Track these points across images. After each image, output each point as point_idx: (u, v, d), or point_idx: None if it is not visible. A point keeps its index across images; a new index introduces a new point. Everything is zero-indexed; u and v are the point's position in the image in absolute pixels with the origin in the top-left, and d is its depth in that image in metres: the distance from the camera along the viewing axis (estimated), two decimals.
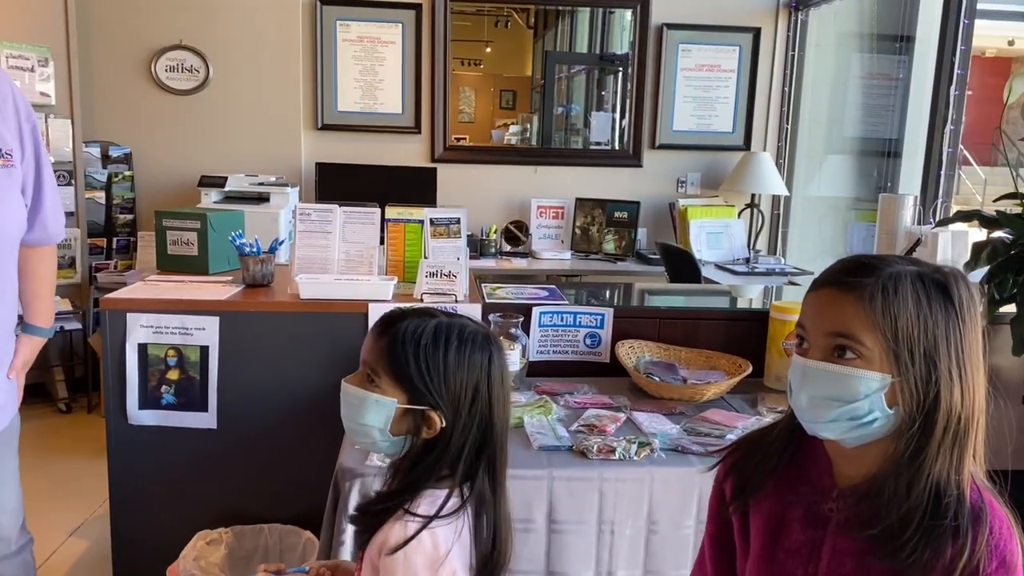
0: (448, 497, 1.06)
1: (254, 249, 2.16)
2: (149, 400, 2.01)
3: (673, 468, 1.52)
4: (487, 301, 2.08)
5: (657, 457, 1.55)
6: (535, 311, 2.05)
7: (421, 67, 4.38)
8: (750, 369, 1.95)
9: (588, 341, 2.10)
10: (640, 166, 4.59)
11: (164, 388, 2.01)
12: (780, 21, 4.48)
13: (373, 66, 4.38)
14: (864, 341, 0.88)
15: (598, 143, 4.68)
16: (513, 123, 4.89)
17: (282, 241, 2.25)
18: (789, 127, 4.54)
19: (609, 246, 4.38)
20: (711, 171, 4.61)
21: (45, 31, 3.71)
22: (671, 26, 4.44)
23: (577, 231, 4.44)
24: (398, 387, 1.07)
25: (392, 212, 2.15)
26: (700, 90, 4.54)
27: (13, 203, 1.47)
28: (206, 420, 2.03)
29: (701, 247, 4.27)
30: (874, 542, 0.89)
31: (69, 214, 3.86)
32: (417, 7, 4.33)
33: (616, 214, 4.39)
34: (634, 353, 2.06)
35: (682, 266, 3.72)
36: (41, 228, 1.58)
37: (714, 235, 4.34)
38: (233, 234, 2.20)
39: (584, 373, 2.09)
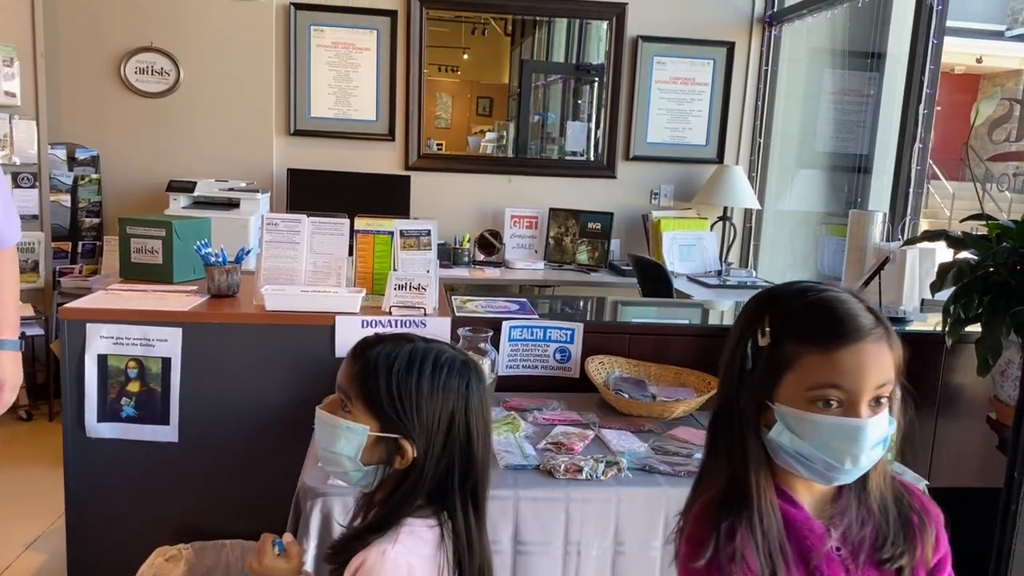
0: (431, 527, 1.03)
1: (219, 259, 2.13)
2: (108, 412, 1.96)
3: (640, 488, 1.51)
4: (457, 315, 2.06)
5: (624, 477, 1.54)
6: (505, 325, 2.04)
7: (396, 74, 4.35)
8: None
9: (558, 356, 2.08)
10: (614, 177, 4.59)
11: (124, 400, 1.96)
12: (754, 36, 4.52)
13: (347, 72, 4.34)
14: (892, 383, 0.90)
15: (573, 153, 4.68)
16: (490, 130, 4.87)
17: (248, 251, 2.21)
18: (762, 141, 4.57)
19: (583, 257, 4.38)
20: (684, 183, 4.63)
21: (10, 30, 3.64)
22: (646, 38, 4.46)
23: (551, 241, 4.44)
24: (370, 415, 1.04)
25: (361, 223, 2.12)
26: (674, 103, 4.56)
27: None
28: (167, 433, 1.98)
29: (674, 259, 4.28)
30: (890, 555, 0.92)
31: (33, 217, 3.80)
32: (392, 14, 4.30)
33: (590, 225, 4.39)
34: (604, 369, 2.05)
35: (654, 278, 3.72)
36: None
37: (686, 247, 4.36)
38: (198, 243, 2.15)
39: (554, 388, 2.08)
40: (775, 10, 4.43)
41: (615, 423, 1.83)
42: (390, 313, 1.99)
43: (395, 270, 2.08)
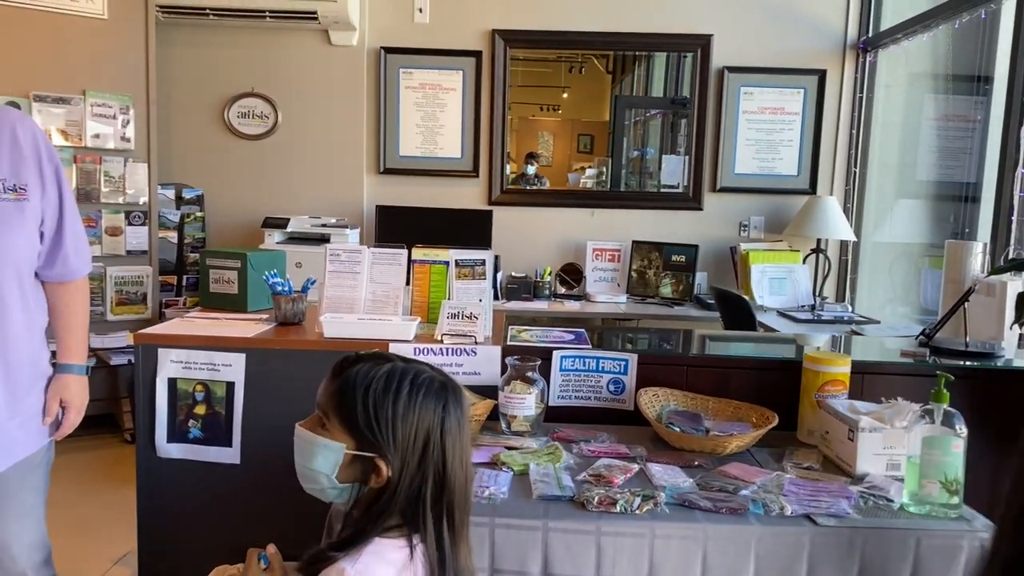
0: (400, 547, 1.03)
1: (286, 288, 2.21)
2: (177, 433, 2.06)
3: (676, 524, 1.45)
4: (508, 343, 2.05)
5: (660, 511, 1.48)
6: (555, 355, 2.01)
7: (480, 112, 4.45)
8: (775, 421, 1.85)
9: (611, 387, 2.04)
10: (700, 209, 4.51)
11: (191, 422, 2.06)
12: (847, 62, 4.36)
13: (434, 112, 4.47)
14: None
15: (670, 186, 4.62)
16: (590, 166, 4.89)
17: (314, 281, 2.29)
18: (857, 170, 4.38)
19: (666, 290, 4.30)
20: (775, 215, 4.49)
21: (128, 80, 3.95)
22: (732, 69, 4.39)
23: (633, 274, 4.38)
24: (347, 432, 1.06)
25: (418, 253, 2.16)
26: (763, 133, 4.44)
27: (23, 234, 1.54)
28: (230, 455, 2.06)
29: (763, 293, 4.14)
30: None
31: (142, 252, 4.07)
32: (477, 54, 4.42)
33: (674, 257, 4.31)
34: (658, 401, 1.99)
35: (737, 312, 3.61)
36: (62, 264, 1.65)
37: (777, 280, 4.21)
38: (267, 273, 2.25)
39: (607, 421, 2.03)
40: (869, 35, 4.26)
41: (664, 457, 1.76)
42: (441, 341, 2.00)
43: (449, 299, 2.11)
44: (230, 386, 2.04)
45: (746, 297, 3.75)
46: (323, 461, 1.06)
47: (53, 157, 1.61)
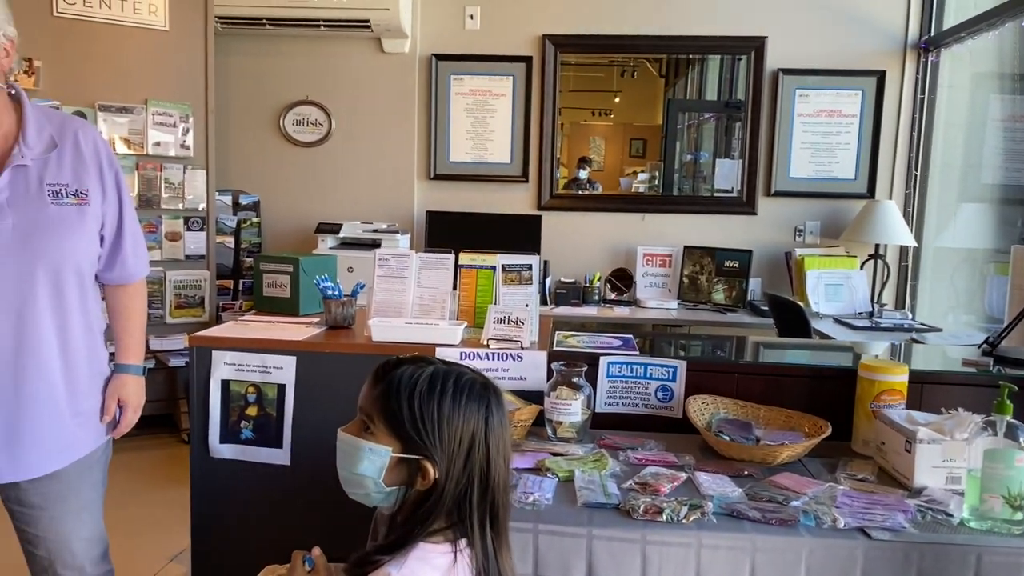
0: (444, 553, 1.03)
1: (336, 292, 2.24)
2: (229, 434, 2.10)
3: (724, 534, 1.42)
4: (555, 349, 2.04)
5: (708, 521, 1.45)
6: (602, 361, 2.00)
7: (530, 117, 4.46)
8: (828, 431, 1.79)
9: (660, 394, 2.01)
10: (754, 214, 4.43)
11: (243, 423, 2.10)
12: (908, 63, 4.24)
13: (484, 117, 4.49)
14: None
15: (724, 190, 4.56)
16: (642, 171, 4.86)
17: (363, 285, 2.32)
18: (918, 174, 4.25)
19: (719, 296, 4.23)
20: (831, 219, 4.38)
21: (187, 89, 4.07)
22: (787, 71, 4.31)
23: (685, 280, 4.33)
24: (392, 436, 1.06)
25: (465, 258, 2.17)
26: (819, 136, 4.35)
27: (84, 239, 1.59)
28: (280, 456, 2.09)
29: (819, 299, 4.05)
30: None
31: (200, 257, 4.18)
32: (528, 60, 4.42)
33: (727, 263, 4.25)
34: (707, 409, 1.95)
35: (792, 319, 3.53)
36: (121, 266, 1.70)
37: (833, 287, 4.11)
38: (318, 277, 2.28)
39: (655, 428, 2.00)
40: (931, 35, 4.14)
41: (712, 466, 1.73)
42: (487, 346, 2.00)
43: (495, 303, 2.11)
44: (281, 388, 2.08)
45: (801, 304, 3.67)
46: (369, 465, 1.07)
47: (113, 163, 1.66)
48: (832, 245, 4.34)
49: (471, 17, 4.43)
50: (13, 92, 1.54)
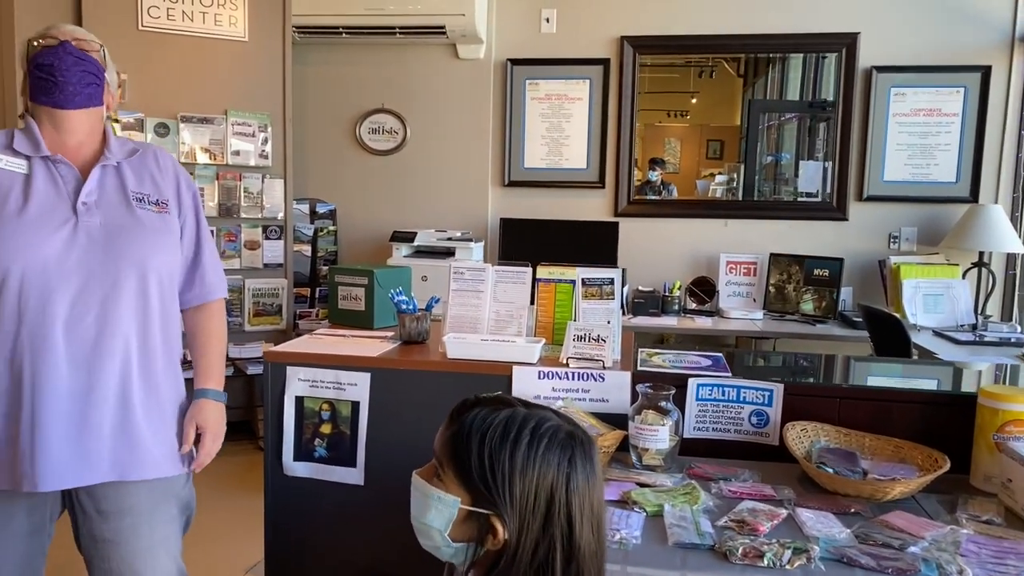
0: None
1: (410, 307, 2.18)
2: (303, 452, 2.06)
3: None
4: (639, 369, 1.93)
5: (815, 568, 1.31)
6: (691, 383, 1.87)
7: (607, 121, 4.34)
8: (947, 466, 1.63)
9: (754, 419, 1.87)
10: (845, 219, 4.20)
11: (317, 441, 2.05)
12: (1016, 57, 3.95)
13: (560, 122, 4.40)
14: None
15: (808, 194, 4.35)
16: (720, 172, 4.68)
17: (438, 299, 2.25)
18: None
19: (807, 306, 4.02)
20: (930, 225, 4.12)
21: (266, 99, 4.10)
22: (881, 69, 4.07)
23: (771, 289, 4.13)
24: (461, 485, 0.96)
25: (543, 272, 2.07)
26: (916, 136, 4.09)
27: (167, 244, 1.60)
28: (354, 476, 2.03)
29: (916, 310, 3.80)
30: None
31: (278, 265, 4.21)
32: (605, 62, 4.31)
33: (816, 271, 4.03)
34: (807, 437, 1.81)
35: (889, 332, 3.31)
36: (200, 283, 1.69)
37: (932, 297, 3.85)
38: (392, 291, 2.23)
39: (749, 456, 1.86)
40: None
41: (815, 502, 1.59)
42: (567, 365, 1.90)
43: (575, 320, 2.00)
44: (355, 405, 2.02)
45: (897, 315, 3.44)
46: (436, 515, 0.97)
47: (191, 184, 1.70)
48: (931, 252, 4.08)
49: (547, 20, 4.34)
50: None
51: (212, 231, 1.81)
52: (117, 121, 3.73)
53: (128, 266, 1.53)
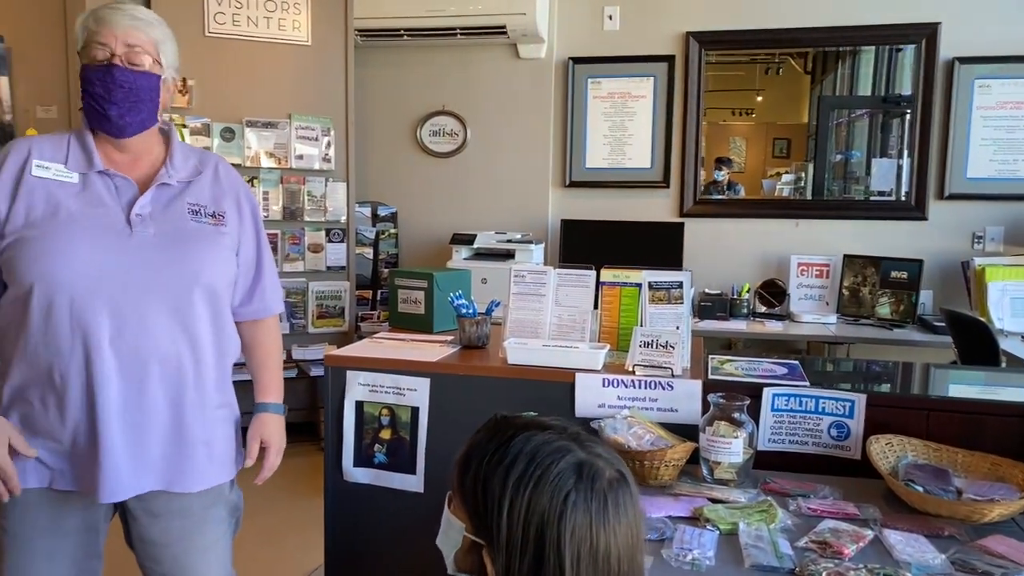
0: None
1: (470, 311, 2.13)
2: (363, 458, 2.03)
3: None
4: (711, 377, 1.84)
5: None
6: (766, 392, 1.77)
7: (672, 120, 4.23)
8: None
9: (833, 432, 1.76)
10: (924, 219, 4.00)
11: (377, 447, 2.02)
12: None
13: (623, 121, 4.31)
14: None
15: (881, 192, 4.16)
16: (786, 171, 4.53)
17: (498, 303, 2.19)
18: None
19: (884, 310, 3.84)
20: (1018, 224, 3.89)
21: (329, 104, 4.12)
22: (964, 60, 3.86)
23: (845, 292, 3.96)
24: (464, 511, 0.87)
25: (607, 274, 2.00)
26: (1003, 131, 3.87)
27: (220, 256, 1.57)
28: (414, 483, 2.00)
29: (1003, 315, 3.59)
30: None
31: (340, 268, 4.23)
32: (670, 59, 4.20)
33: (893, 273, 3.84)
34: (892, 452, 1.69)
35: (975, 338, 3.12)
36: (260, 298, 1.67)
37: (1021, 300, 3.63)
38: (452, 295, 2.18)
39: (828, 470, 1.75)
40: None
41: (904, 523, 1.47)
42: (633, 372, 1.82)
43: (641, 325, 1.92)
44: (415, 411, 1.98)
45: (983, 320, 3.25)
46: (446, 539, 0.90)
47: (251, 197, 1.67)
48: (1019, 253, 3.85)
49: (610, 18, 4.26)
50: (164, 128, 1.61)
51: (276, 234, 1.79)
52: (184, 127, 3.80)
53: (182, 277, 1.50)
